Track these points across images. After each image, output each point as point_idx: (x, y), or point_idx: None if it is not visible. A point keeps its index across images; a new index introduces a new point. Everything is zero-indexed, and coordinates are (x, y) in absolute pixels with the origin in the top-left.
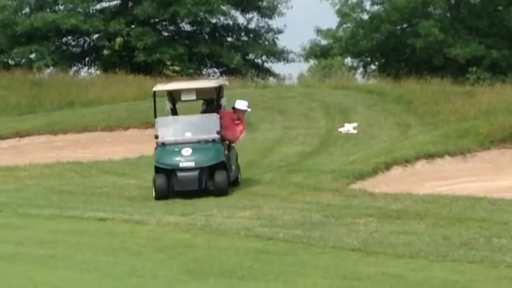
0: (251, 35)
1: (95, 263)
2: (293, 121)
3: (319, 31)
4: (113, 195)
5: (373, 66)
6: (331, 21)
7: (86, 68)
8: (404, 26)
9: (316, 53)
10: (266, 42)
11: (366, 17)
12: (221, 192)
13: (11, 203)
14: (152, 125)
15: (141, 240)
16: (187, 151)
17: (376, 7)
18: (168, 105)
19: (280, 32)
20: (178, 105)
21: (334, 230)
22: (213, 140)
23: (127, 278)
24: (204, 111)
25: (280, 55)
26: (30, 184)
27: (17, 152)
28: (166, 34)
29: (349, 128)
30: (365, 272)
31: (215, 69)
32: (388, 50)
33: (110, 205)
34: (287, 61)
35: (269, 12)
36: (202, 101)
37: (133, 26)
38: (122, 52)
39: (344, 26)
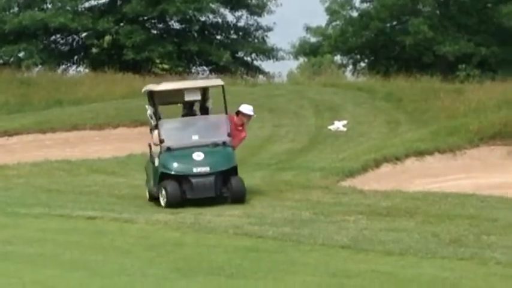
0: (240, 33)
1: (84, 262)
2: (283, 119)
3: (308, 29)
4: (101, 194)
5: (362, 64)
6: (320, 18)
7: (74, 67)
8: (394, 23)
9: (306, 50)
10: (255, 40)
11: (355, 14)
12: (238, 199)
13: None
14: (141, 123)
15: (130, 239)
16: (199, 155)
17: (365, 4)
18: (149, 110)
19: (269, 29)
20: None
21: (323, 227)
22: (223, 143)
23: (116, 276)
24: (185, 116)
25: (269, 53)
26: (19, 183)
27: (5, 150)
28: (155, 32)
29: (338, 125)
30: (355, 270)
31: (204, 67)
32: (378, 47)
33: (99, 204)
34: (276, 59)
35: (258, 10)
36: (182, 105)
37: (122, 24)
38: (110, 50)
39: (333, 23)
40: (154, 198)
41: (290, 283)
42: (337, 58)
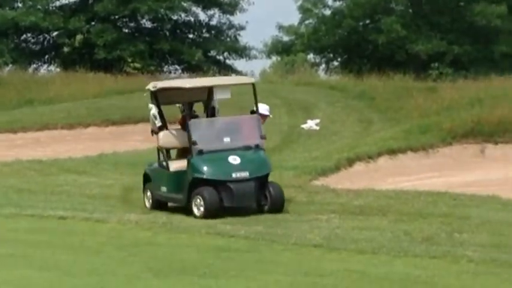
0: (213, 32)
1: (55, 262)
2: None
3: (281, 27)
4: (73, 194)
5: (335, 63)
6: (293, 17)
7: (45, 66)
8: (367, 22)
9: (278, 49)
10: (228, 39)
11: (328, 12)
12: (277, 208)
13: None
14: (113, 123)
15: (101, 239)
16: (235, 159)
17: (338, 3)
18: (153, 109)
19: (242, 28)
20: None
21: (296, 226)
22: (256, 146)
23: (87, 276)
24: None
25: (242, 52)
26: None
27: None
28: (126, 31)
29: (311, 124)
30: (327, 268)
31: (176, 66)
32: (351, 46)
33: (70, 203)
34: (249, 58)
35: (230, 8)
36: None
37: (93, 23)
38: (81, 49)
39: (306, 22)
40: (159, 206)
41: (262, 282)
42: (310, 57)
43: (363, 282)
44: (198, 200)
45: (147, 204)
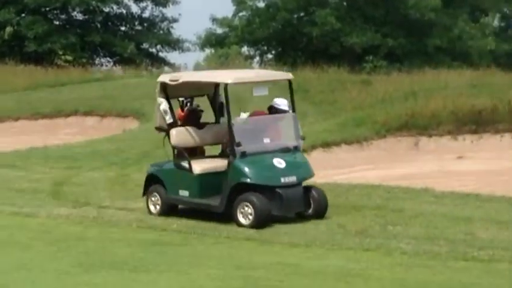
0: (145, 24)
1: None
2: None
3: (214, 20)
4: (1, 188)
5: (269, 55)
6: (227, 9)
7: None
8: (301, 14)
9: (212, 41)
10: (161, 31)
11: (262, 5)
12: (321, 214)
13: None
14: (43, 116)
15: (31, 233)
16: (280, 162)
17: None
18: (163, 104)
19: (175, 20)
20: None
21: (229, 219)
22: (295, 148)
23: (15, 271)
24: (192, 112)
25: (175, 44)
26: None
27: None
28: (57, 23)
29: (245, 117)
30: (260, 262)
31: (108, 59)
32: (285, 38)
33: None
34: (182, 50)
35: (163, 0)
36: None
37: (23, 15)
38: (11, 42)
39: (240, 14)
40: (167, 210)
41: (194, 276)
42: (244, 49)
43: (296, 276)
44: (246, 208)
45: (153, 210)
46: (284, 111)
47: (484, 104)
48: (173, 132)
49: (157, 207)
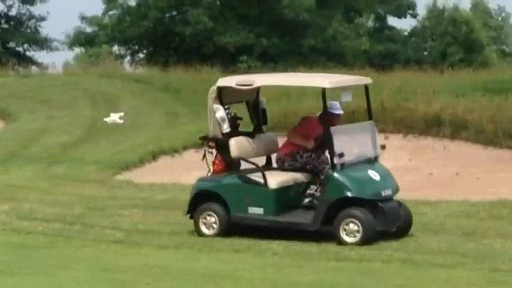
0: (12, 23)
1: None
2: (56, 111)
3: (84, 18)
4: None
5: (141, 55)
6: (97, 8)
7: None
8: (174, 13)
9: (81, 40)
10: (28, 30)
11: (133, 3)
12: (407, 229)
13: None
14: None
15: None
16: (375, 174)
17: None
18: (221, 111)
19: (42, 19)
20: None
21: (96, 222)
22: (375, 158)
23: None
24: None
25: (43, 43)
26: None
27: None
28: None
29: (114, 117)
30: (127, 264)
31: None
32: (157, 37)
33: None
34: (51, 49)
35: None
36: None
37: None
38: None
39: (110, 12)
40: (229, 230)
41: (61, 279)
42: (115, 49)
43: (165, 277)
44: (352, 225)
45: (208, 232)
46: (338, 116)
47: (357, 104)
48: (232, 142)
49: (215, 227)
